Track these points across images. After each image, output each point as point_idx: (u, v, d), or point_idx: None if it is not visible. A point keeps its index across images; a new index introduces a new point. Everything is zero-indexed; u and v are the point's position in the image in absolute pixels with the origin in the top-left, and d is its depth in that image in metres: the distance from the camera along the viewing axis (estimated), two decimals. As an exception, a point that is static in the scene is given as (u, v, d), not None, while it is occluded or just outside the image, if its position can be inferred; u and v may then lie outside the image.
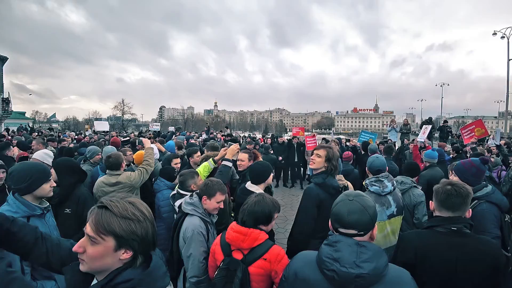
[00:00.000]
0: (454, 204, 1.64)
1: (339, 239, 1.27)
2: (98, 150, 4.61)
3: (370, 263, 1.18)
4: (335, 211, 1.33)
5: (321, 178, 2.46)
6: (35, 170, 1.97)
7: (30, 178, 1.91)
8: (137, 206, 1.00)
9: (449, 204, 1.65)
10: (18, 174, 1.92)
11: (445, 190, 1.66)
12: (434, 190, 1.75)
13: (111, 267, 0.96)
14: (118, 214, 0.94)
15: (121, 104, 48.45)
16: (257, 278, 1.66)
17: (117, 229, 0.93)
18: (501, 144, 6.47)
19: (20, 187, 1.90)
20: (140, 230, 0.97)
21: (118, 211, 0.95)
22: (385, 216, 2.59)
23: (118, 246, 0.94)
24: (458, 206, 1.65)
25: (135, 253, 0.98)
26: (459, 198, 1.64)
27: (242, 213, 1.80)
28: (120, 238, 0.94)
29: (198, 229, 2.12)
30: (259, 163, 2.89)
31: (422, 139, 7.51)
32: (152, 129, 14.63)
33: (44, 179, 1.99)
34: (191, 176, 2.71)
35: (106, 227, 0.92)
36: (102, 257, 0.94)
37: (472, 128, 6.93)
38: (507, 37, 23.57)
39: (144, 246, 0.99)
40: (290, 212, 6.81)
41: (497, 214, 2.29)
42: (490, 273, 1.55)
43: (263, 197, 1.85)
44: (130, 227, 0.95)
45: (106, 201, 0.97)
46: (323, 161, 2.51)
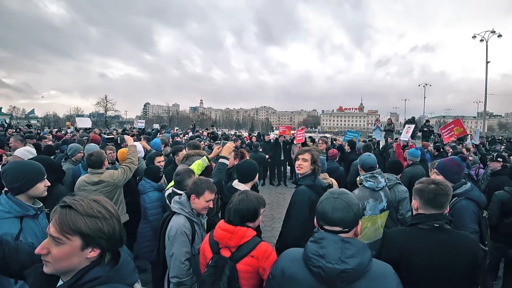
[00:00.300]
0: (442, 203, 1.70)
1: (324, 236, 1.29)
2: (79, 148, 4.49)
3: (355, 259, 1.21)
4: (320, 209, 1.35)
5: (310, 180, 2.48)
6: (29, 169, 1.92)
7: (24, 177, 1.85)
8: (102, 204, 1.00)
9: (437, 203, 1.70)
10: (11, 173, 1.86)
11: (432, 189, 1.70)
12: (418, 189, 1.78)
13: (78, 266, 0.95)
14: (84, 212, 0.94)
15: (104, 100, 47.15)
16: (245, 275, 1.67)
17: (83, 228, 0.92)
18: (479, 144, 6.69)
19: (14, 186, 1.84)
20: (107, 227, 0.97)
21: (83, 209, 0.94)
22: (378, 210, 2.73)
23: (85, 245, 0.94)
24: (443, 204, 1.71)
25: (102, 251, 0.98)
26: (445, 197, 1.70)
27: (228, 212, 1.78)
28: (87, 237, 0.93)
29: (182, 229, 2.08)
30: (246, 162, 2.88)
31: (406, 138, 7.70)
32: (136, 126, 14.23)
33: (39, 178, 1.93)
34: (188, 175, 2.65)
35: (71, 227, 0.91)
36: (68, 257, 0.93)
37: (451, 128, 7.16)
38: (486, 40, 24.45)
39: (112, 243, 0.99)
40: (277, 210, 6.84)
41: (475, 210, 2.42)
42: (470, 266, 1.61)
43: (246, 194, 1.84)
44: (96, 225, 0.95)
45: (69, 201, 0.95)
46: (309, 164, 2.54)
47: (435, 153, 6.72)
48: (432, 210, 1.71)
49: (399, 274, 1.36)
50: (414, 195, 1.83)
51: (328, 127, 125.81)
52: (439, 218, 1.69)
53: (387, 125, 12.82)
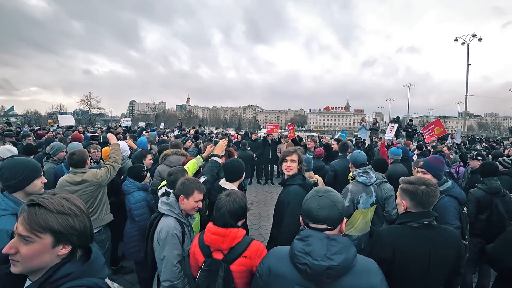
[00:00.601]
0: (431, 204, 1.75)
1: (310, 234, 1.31)
2: (62, 147, 4.35)
3: (340, 255, 1.23)
4: (306, 207, 1.37)
5: (300, 180, 2.54)
6: (26, 166, 1.91)
7: (21, 174, 1.85)
8: (72, 201, 1.01)
9: (428, 204, 1.74)
10: (8, 170, 1.85)
11: (425, 191, 1.72)
12: (409, 191, 1.79)
13: (48, 264, 0.95)
14: (55, 210, 0.94)
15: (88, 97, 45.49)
16: (239, 275, 1.68)
17: (55, 225, 0.93)
18: (460, 144, 6.92)
19: (11, 183, 1.83)
20: (79, 224, 0.98)
21: (54, 207, 0.95)
22: (369, 204, 2.90)
23: (56, 242, 0.95)
24: (432, 204, 1.76)
25: (73, 247, 0.99)
26: (435, 198, 1.76)
27: (222, 216, 1.75)
28: (58, 234, 0.94)
29: (173, 231, 2.04)
30: (234, 161, 2.86)
31: (390, 137, 7.92)
32: (122, 124, 13.87)
33: (36, 175, 1.94)
34: (182, 174, 2.60)
35: (42, 225, 0.92)
36: (39, 255, 0.93)
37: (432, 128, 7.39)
38: (467, 43, 25.34)
39: (83, 239, 1.01)
40: (264, 209, 6.85)
41: (456, 206, 2.56)
42: (455, 259, 1.71)
43: (234, 194, 1.85)
44: (68, 222, 0.96)
45: (38, 199, 0.95)
46: (297, 165, 2.59)
47: (418, 152, 6.90)
48: (421, 209, 1.76)
49: (392, 272, 1.45)
50: (403, 195, 1.83)
51: (315, 126, 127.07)
52: (428, 216, 1.74)
53: (372, 124, 13.08)
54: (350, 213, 2.84)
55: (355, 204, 2.84)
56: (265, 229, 5.56)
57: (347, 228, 2.83)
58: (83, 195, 2.81)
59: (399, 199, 1.87)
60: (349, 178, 3.11)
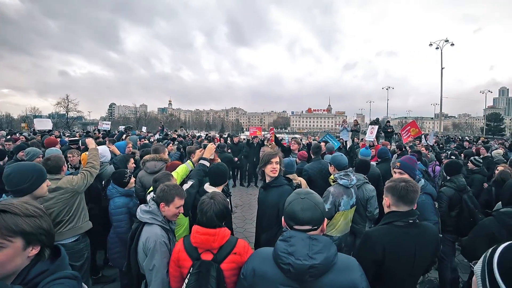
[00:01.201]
0: (412, 199, 1.80)
1: (293, 235, 1.35)
2: (38, 152, 4.14)
3: (322, 254, 1.28)
4: (290, 210, 1.40)
5: (285, 180, 2.63)
6: (34, 170, 1.99)
7: (31, 178, 1.93)
8: (34, 204, 1.08)
9: (408, 199, 1.79)
10: (19, 175, 1.92)
11: (403, 186, 1.80)
12: (390, 187, 1.88)
13: (20, 267, 1.00)
14: (22, 213, 1.00)
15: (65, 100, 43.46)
16: (230, 273, 1.69)
17: (26, 227, 0.99)
18: (433, 144, 7.20)
19: (22, 187, 1.91)
20: (45, 224, 1.06)
21: (20, 211, 1.00)
22: (349, 206, 2.96)
23: (27, 244, 1.00)
24: (413, 200, 1.81)
25: (42, 247, 1.05)
26: (415, 193, 1.81)
27: (210, 219, 1.75)
28: (29, 235, 1.00)
29: (161, 239, 1.99)
30: (218, 165, 2.83)
31: (371, 138, 8.15)
32: (101, 127, 13.42)
33: (43, 178, 2.03)
34: (167, 179, 2.53)
35: (14, 229, 0.96)
36: (12, 258, 0.97)
37: (409, 129, 7.70)
38: (441, 48, 26.61)
39: (50, 238, 1.07)
40: (248, 212, 6.83)
41: (432, 203, 2.79)
42: (434, 251, 1.84)
43: (217, 195, 1.88)
44: (37, 223, 1.02)
45: (1, 206, 0.99)
46: (280, 167, 2.65)
47: (398, 152, 7.10)
48: (404, 207, 1.82)
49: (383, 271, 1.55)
50: (385, 192, 1.92)
51: (298, 128, 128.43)
52: (412, 214, 1.81)
53: (353, 126, 13.38)
54: (331, 215, 2.88)
55: (337, 207, 2.89)
56: (250, 232, 5.54)
57: (328, 229, 2.88)
58: (57, 202, 2.65)
59: (384, 197, 1.94)
60: (330, 180, 3.15)
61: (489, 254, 0.98)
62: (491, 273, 0.92)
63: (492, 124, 53.93)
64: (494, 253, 0.96)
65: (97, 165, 3.11)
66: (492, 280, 0.91)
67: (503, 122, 58.85)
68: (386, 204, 1.91)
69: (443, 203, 3.37)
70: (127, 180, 3.21)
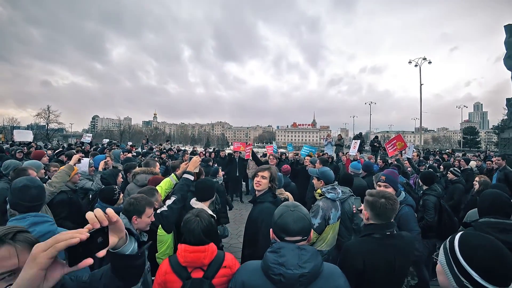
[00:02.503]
0: (390, 216, 1.90)
1: (282, 246, 1.40)
2: (17, 164, 3.98)
3: (310, 263, 1.34)
4: (281, 222, 1.44)
5: (271, 197, 2.58)
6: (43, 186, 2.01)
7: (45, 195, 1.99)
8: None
9: (386, 216, 1.89)
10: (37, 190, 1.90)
11: (382, 204, 1.88)
12: (370, 202, 1.95)
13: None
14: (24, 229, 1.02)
15: (46, 111, 41.53)
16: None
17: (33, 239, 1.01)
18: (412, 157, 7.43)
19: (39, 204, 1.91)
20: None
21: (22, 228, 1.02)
22: (336, 218, 2.99)
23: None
24: (391, 217, 1.91)
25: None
26: (393, 212, 1.91)
27: (198, 237, 1.74)
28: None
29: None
30: (204, 180, 2.82)
31: (354, 152, 8.34)
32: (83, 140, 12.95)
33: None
34: (151, 194, 2.48)
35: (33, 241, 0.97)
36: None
37: (394, 143, 7.93)
38: (419, 65, 28.06)
39: None
40: (233, 227, 6.74)
41: (413, 213, 2.89)
42: (411, 258, 1.99)
43: (202, 212, 1.89)
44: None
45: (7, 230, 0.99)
46: (267, 182, 2.62)
47: (382, 166, 7.29)
48: (382, 221, 1.90)
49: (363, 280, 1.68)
50: (365, 206, 2.00)
51: (283, 142, 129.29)
52: (390, 226, 1.90)
53: (337, 140, 13.64)
54: (322, 229, 2.86)
55: (327, 220, 2.89)
56: (236, 247, 5.46)
57: (319, 243, 2.87)
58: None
59: (363, 209, 2.03)
60: (316, 195, 3.17)
61: (449, 244, 1.10)
62: (456, 260, 1.04)
63: (469, 138, 56.23)
64: (453, 242, 1.09)
65: (57, 183, 3.00)
66: (459, 266, 1.03)
67: (478, 135, 61.42)
68: (365, 216, 1.99)
69: (431, 211, 3.54)
70: (117, 197, 3.09)
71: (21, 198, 1.81)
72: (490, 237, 1.06)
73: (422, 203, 3.73)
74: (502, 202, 2.33)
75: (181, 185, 2.69)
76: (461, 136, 56.60)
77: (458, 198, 4.96)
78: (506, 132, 17.57)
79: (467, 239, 1.07)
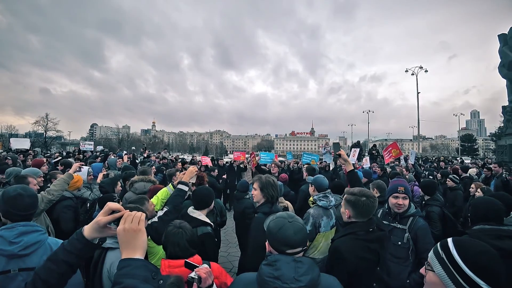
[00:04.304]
0: (371, 214, 2.02)
1: (278, 258, 1.34)
2: (18, 172, 3.99)
3: (307, 276, 1.29)
4: (282, 235, 1.38)
5: (267, 208, 2.50)
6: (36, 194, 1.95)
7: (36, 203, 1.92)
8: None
9: (367, 214, 2.00)
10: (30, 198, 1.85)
11: (365, 202, 1.98)
12: (351, 201, 2.04)
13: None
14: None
15: (44, 119, 41.36)
16: None
17: None
18: (415, 164, 7.49)
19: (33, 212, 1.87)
20: None
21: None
22: (329, 226, 2.97)
23: None
24: (371, 214, 2.02)
25: None
26: (373, 209, 2.01)
27: (184, 248, 1.75)
28: None
29: None
30: (202, 188, 2.80)
31: (353, 160, 8.40)
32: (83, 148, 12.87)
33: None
34: (142, 203, 2.43)
35: None
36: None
37: (390, 150, 8.02)
38: (416, 74, 28.45)
39: None
40: (231, 235, 6.68)
41: (428, 226, 2.74)
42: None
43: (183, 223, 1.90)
44: None
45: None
46: (259, 193, 2.57)
47: (380, 173, 7.34)
48: (364, 219, 2.01)
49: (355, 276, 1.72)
50: (346, 205, 2.07)
51: (281, 151, 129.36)
52: (371, 224, 2.01)
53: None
54: (312, 237, 2.86)
55: (317, 228, 2.88)
56: (234, 256, 5.42)
57: (310, 251, 2.86)
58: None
59: (343, 209, 2.09)
60: (309, 202, 3.18)
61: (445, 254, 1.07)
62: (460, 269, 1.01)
63: (467, 145, 56.36)
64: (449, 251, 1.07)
65: (55, 191, 3.00)
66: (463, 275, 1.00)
67: (476, 142, 61.66)
68: (346, 215, 2.05)
69: (437, 223, 3.47)
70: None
71: (14, 206, 1.77)
72: (485, 244, 1.06)
73: (427, 215, 3.57)
74: (495, 209, 2.34)
75: (174, 196, 2.62)
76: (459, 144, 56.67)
77: (460, 205, 4.95)
78: (503, 139, 17.78)
79: (466, 246, 1.05)
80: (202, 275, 1.32)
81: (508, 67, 18.01)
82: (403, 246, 2.59)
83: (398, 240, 2.63)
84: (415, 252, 2.56)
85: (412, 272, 2.51)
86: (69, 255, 1.11)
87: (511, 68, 17.86)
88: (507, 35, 18.66)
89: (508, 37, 18.50)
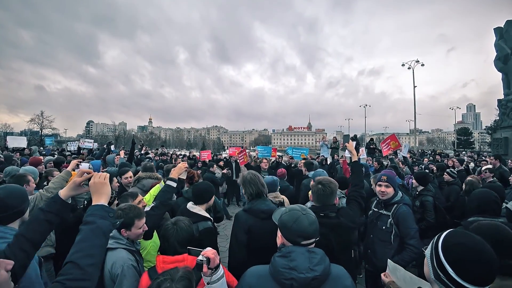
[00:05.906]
0: (325, 200, 2.27)
1: (292, 250, 1.40)
2: (16, 171, 4.00)
3: (320, 265, 1.35)
4: (298, 227, 1.43)
5: (248, 204, 2.51)
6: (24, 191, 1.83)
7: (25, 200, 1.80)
8: None
9: (321, 200, 2.28)
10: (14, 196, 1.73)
11: (319, 190, 2.27)
12: (312, 187, 2.34)
13: None
14: None
15: (39, 117, 41.47)
16: None
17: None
18: (407, 157, 7.51)
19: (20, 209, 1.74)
20: None
21: None
22: None
23: None
24: (328, 201, 2.28)
25: None
26: (329, 196, 2.27)
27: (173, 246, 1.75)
28: None
29: (128, 263, 1.87)
30: (201, 183, 2.80)
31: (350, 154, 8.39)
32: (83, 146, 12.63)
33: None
34: (131, 198, 2.46)
35: None
36: None
37: (388, 142, 8.01)
38: (412, 68, 28.42)
39: None
40: (229, 230, 6.73)
41: (411, 212, 2.92)
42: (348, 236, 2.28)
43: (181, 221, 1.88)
44: None
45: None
46: (244, 191, 2.61)
47: (377, 167, 7.37)
48: (319, 204, 2.29)
49: None
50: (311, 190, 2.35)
51: (279, 146, 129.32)
52: (323, 209, 2.23)
53: (332, 143, 13.71)
54: None
55: None
56: (233, 250, 5.45)
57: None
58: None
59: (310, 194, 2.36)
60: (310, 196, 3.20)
61: (436, 238, 1.14)
62: (437, 254, 1.08)
63: (463, 138, 56.64)
64: (439, 237, 1.13)
65: (53, 189, 2.93)
66: (438, 259, 1.07)
67: (472, 136, 61.97)
68: (310, 198, 2.32)
69: (431, 211, 3.68)
70: (112, 200, 3.07)
71: None
72: (475, 236, 1.07)
73: (421, 204, 3.86)
74: (490, 201, 2.40)
75: (162, 192, 2.58)
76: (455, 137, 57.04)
77: (454, 199, 4.98)
78: (498, 132, 17.90)
79: (452, 235, 1.10)
80: (210, 255, 1.37)
81: (504, 60, 18.04)
82: (387, 231, 2.85)
83: (383, 225, 2.89)
84: (399, 236, 2.79)
85: (396, 255, 2.69)
86: (49, 214, 1.42)
87: (506, 61, 17.88)
88: (502, 28, 18.67)
89: (503, 31, 18.52)
